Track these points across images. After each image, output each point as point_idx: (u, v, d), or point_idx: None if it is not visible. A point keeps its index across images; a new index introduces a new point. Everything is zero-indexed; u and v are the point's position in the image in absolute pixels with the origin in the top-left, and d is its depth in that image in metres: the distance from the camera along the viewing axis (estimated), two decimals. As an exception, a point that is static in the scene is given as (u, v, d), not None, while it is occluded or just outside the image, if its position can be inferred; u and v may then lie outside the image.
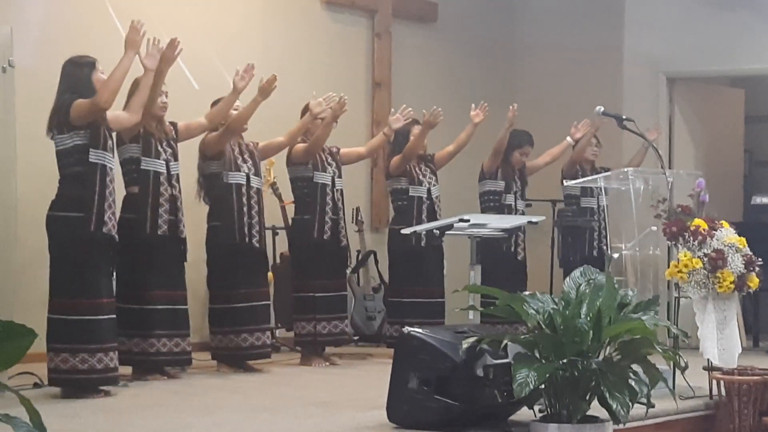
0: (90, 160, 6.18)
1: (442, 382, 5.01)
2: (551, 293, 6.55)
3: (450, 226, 6.54)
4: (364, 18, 9.99)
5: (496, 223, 6.77)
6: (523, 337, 4.99)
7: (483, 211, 8.65)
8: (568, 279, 5.18)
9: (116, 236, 6.31)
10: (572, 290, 5.07)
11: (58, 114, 6.23)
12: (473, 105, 8.61)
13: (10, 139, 6.51)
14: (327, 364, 7.96)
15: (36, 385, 6.39)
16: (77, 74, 6.32)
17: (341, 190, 8.02)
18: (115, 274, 6.44)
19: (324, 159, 7.94)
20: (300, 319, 7.96)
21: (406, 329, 5.22)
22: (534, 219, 6.92)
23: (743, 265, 6.02)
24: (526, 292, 5.14)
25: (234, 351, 7.44)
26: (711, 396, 6.10)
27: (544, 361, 4.83)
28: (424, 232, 7.67)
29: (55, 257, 6.24)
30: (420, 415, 5.05)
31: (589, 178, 7.06)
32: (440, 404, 4.99)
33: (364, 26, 9.98)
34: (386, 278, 9.05)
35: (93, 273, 6.19)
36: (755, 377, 6.00)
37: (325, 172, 7.92)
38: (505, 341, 4.98)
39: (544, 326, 4.96)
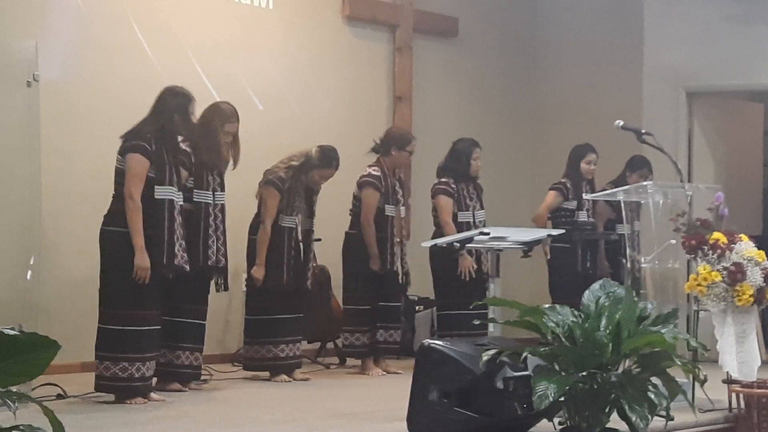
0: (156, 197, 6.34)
1: (462, 395, 5.04)
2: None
3: (470, 239, 6.58)
4: (386, 33, 10.04)
5: (516, 236, 6.80)
6: (542, 349, 5.02)
7: (553, 226, 8.79)
8: (587, 292, 5.21)
9: (186, 266, 6.49)
10: (592, 303, 5.09)
11: (127, 141, 6.37)
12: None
13: (35, 152, 6.60)
14: (383, 373, 8.14)
15: (59, 396, 6.45)
16: (168, 104, 6.46)
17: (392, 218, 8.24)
18: None
19: (395, 191, 8.21)
20: (354, 330, 8.18)
21: (427, 342, 5.25)
22: (553, 232, 6.95)
23: (762, 279, 6.04)
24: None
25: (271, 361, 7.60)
26: (730, 409, 6.10)
27: (563, 374, 4.85)
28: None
29: (105, 269, 6.42)
30: (440, 427, 5.08)
31: (610, 191, 7.07)
32: (460, 416, 5.03)
33: (386, 41, 10.03)
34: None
35: (139, 286, 6.33)
36: (775, 390, 6.00)
37: (390, 203, 8.19)
38: (524, 354, 5.01)
39: (563, 339, 4.99)
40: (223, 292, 7.34)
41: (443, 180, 8.46)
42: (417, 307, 9.52)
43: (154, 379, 6.71)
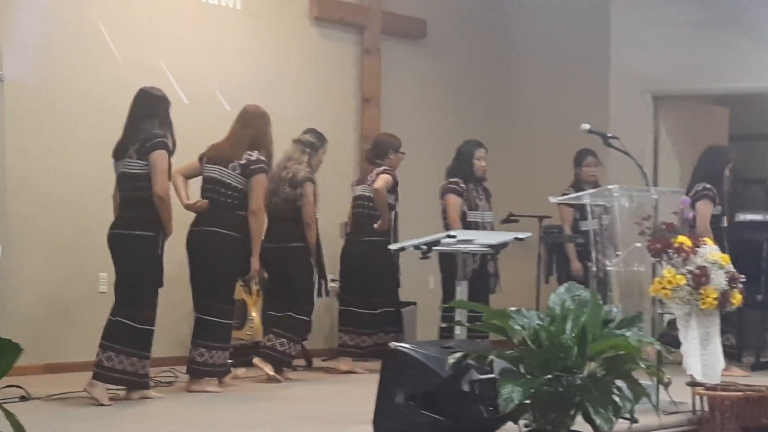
0: None
1: (428, 398, 5.05)
2: (537, 309, 6.60)
3: (437, 242, 6.59)
4: (354, 34, 10.03)
5: (483, 239, 6.81)
6: (508, 352, 5.03)
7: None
8: (553, 295, 5.22)
9: None
10: (557, 306, 5.11)
11: (143, 143, 6.49)
12: None
13: (-1, 152, 6.57)
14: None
15: (23, 399, 6.40)
16: (157, 105, 6.64)
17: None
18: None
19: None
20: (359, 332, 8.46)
21: (393, 344, 5.26)
22: (520, 235, 6.96)
23: (726, 282, 6.08)
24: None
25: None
26: (694, 411, 6.15)
27: (529, 377, 4.87)
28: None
29: (126, 271, 6.53)
30: (406, 430, 5.08)
31: (575, 194, 7.10)
32: (426, 419, 5.03)
33: (354, 42, 10.03)
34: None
35: (157, 287, 6.58)
36: (738, 393, 6.04)
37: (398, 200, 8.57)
38: (490, 357, 5.02)
39: (529, 342, 5.00)
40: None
41: (452, 180, 8.71)
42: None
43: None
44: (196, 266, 7.06)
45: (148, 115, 6.57)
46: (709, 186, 8.65)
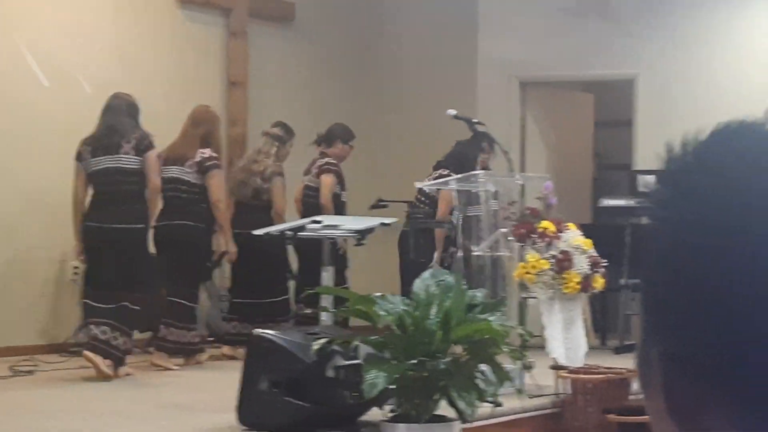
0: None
1: (292, 384, 5.02)
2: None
3: (303, 228, 6.55)
4: (220, 17, 9.89)
5: (349, 224, 6.79)
6: (373, 338, 5.02)
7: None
8: (418, 280, 5.23)
9: None
10: (422, 291, 5.12)
11: (140, 141, 6.95)
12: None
13: None
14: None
15: None
16: (130, 107, 7.16)
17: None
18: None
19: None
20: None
21: (257, 330, 5.20)
22: (386, 221, 6.96)
23: (589, 267, 6.17)
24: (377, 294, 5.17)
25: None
26: (557, 394, 6.23)
27: (394, 362, 4.87)
28: None
29: (147, 262, 7.06)
30: (270, 416, 5.04)
31: (441, 180, 7.12)
32: (291, 406, 5.00)
33: (220, 25, 9.89)
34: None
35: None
36: (599, 376, 6.15)
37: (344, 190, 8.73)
38: (355, 342, 5.01)
39: (394, 327, 5.00)
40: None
41: (446, 174, 8.44)
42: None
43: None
44: (165, 256, 7.49)
45: (128, 114, 7.03)
46: None
